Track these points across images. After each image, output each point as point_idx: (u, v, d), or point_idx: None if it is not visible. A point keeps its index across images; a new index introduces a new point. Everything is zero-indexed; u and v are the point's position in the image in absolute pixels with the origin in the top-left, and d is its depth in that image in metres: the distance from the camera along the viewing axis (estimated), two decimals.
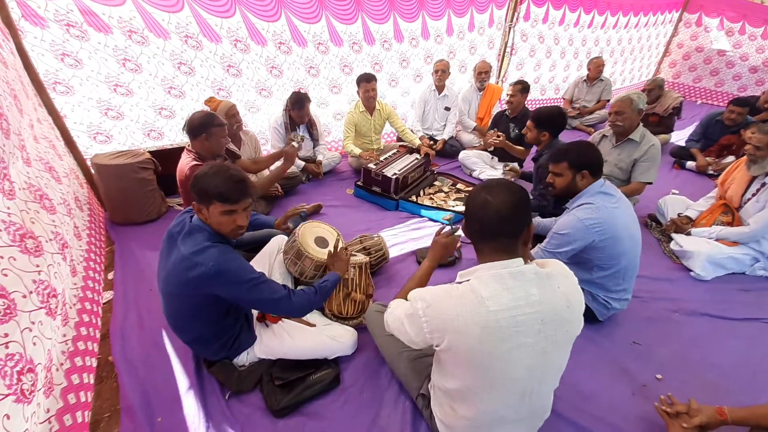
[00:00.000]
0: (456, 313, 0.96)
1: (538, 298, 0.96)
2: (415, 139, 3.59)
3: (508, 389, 1.04)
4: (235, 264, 1.27)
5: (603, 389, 1.64)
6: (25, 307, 1.12)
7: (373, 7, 3.44)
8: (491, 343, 0.95)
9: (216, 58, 2.92)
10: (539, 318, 0.96)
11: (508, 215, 0.98)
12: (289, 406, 1.47)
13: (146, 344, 1.74)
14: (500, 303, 0.94)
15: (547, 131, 2.40)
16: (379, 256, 2.19)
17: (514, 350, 0.97)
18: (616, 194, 1.73)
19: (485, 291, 0.95)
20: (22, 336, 1.06)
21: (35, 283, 1.21)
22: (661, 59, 6.96)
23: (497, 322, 0.94)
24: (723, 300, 2.19)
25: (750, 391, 1.66)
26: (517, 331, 0.95)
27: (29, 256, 1.22)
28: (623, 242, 1.68)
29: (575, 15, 5.01)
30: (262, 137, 3.41)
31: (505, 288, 0.96)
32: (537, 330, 0.97)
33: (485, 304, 0.94)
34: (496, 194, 0.99)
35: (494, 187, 1.02)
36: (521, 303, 0.95)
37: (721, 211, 2.53)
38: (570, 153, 1.73)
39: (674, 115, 4.31)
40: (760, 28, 5.81)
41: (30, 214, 1.33)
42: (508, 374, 1.00)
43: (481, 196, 1.01)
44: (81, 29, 2.37)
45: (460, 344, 0.97)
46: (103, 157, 2.48)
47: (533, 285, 0.97)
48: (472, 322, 0.94)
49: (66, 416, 1.26)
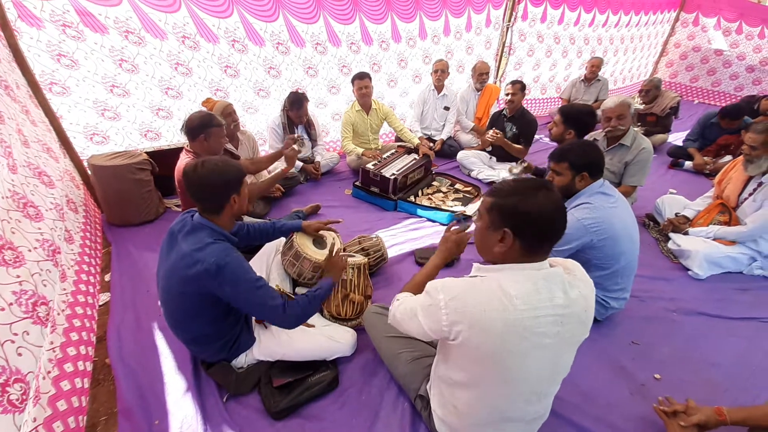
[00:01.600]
0: (483, 308, 0.94)
1: (563, 301, 0.96)
2: (413, 138, 3.59)
3: (517, 389, 1.05)
4: (236, 262, 1.26)
5: (602, 388, 1.64)
6: (7, 319, 1.10)
7: (371, 8, 3.43)
8: (512, 342, 0.95)
9: (213, 58, 2.91)
10: (560, 320, 0.96)
11: (560, 221, 0.97)
12: (287, 408, 1.46)
13: (143, 346, 1.73)
14: (528, 302, 0.94)
15: (573, 129, 2.34)
16: (377, 256, 2.19)
17: (531, 350, 0.97)
18: (615, 194, 1.73)
19: (513, 289, 0.94)
20: (3, 348, 1.05)
21: (15, 294, 1.19)
22: (658, 59, 6.97)
23: (521, 321, 0.93)
24: (721, 299, 2.19)
25: (748, 390, 1.67)
26: (538, 332, 0.95)
27: (7, 267, 1.20)
28: (622, 242, 1.68)
29: (575, 14, 5.02)
30: (260, 138, 3.40)
31: (535, 288, 0.95)
32: (556, 332, 0.97)
33: (513, 302, 0.93)
34: (552, 197, 0.97)
35: (551, 191, 0.98)
36: (546, 304, 0.95)
37: (719, 211, 2.53)
38: (572, 153, 1.72)
39: (671, 115, 4.32)
40: (757, 27, 5.83)
41: (11, 224, 1.31)
42: (520, 373, 1.01)
43: (540, 197, 0.95)
44: (77, 29, 2.36)
45: (481, 339, 0.96)
46: (99, 158, 2.47)
47: (559, 288, 0.97)
48: (498, 318, 0.93)
49: (56, 423, 1.24)
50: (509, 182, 1.03)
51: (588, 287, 1.04)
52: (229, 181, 1.34)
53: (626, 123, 2.45)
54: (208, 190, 1.32)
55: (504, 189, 1.01)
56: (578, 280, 1.03)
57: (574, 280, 1.02)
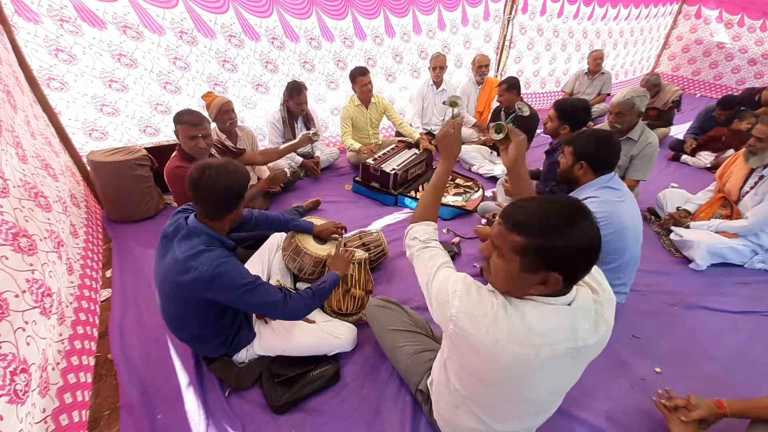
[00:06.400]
0: (495, 340, 0.84)
1: (585, 334, 0.87)
2: (414, 132, 3.57)
3: (521, 408, 1.03)
4: (229, 269, 1.23)
5: (602, 382, 1.64)
6: (19, 306, 1.11)
7: (363, 3, 3.42)
8: (520, 373, 0.88)
9: (211, 53, 2.90)
10: (577, 348, 0.88)
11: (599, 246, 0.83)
12: (289, 403, 1.47)
13: (145, 341, 1.74)
14: (548, 337, 0.84)
15: (568, 124, 2.31)
16: (378, 252, 2.18)
17: (541, 376, 0.91)
18: (622, 188, 1.70)
19: (537, 325, 0.84)
20: (15, 336, 1.05)
21: (29, 282, 1.20)
22: (660, 52, 6.92)
23: (537, 355, 0.84)
24: (722, 293, 2.19)
25: (749, 383, 1.67)
26: (552, 363, 0.87)
27: (23, 254, 1.21)
28: (627, 236, 1.67)
29: (574, 7, 4.97)
30: (260, 133, 3.39)
31: (558, 321, 0.85)
32: (572, 358, 0.89)
33: (530, 337, 0.83)
34: (592, 223, 0.84)
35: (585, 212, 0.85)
36: (567, 336, 0.86)
37: (720, 204, 2.53)
38: (579, 139, 1.67)
39: (674, 109, 4.29)
40: (759, 20, 5.78)
41: (24, 212, 1.32)
42: (528, 396, 0.97)
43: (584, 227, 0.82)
44: (75, 24, 2.34)
45: (484, 366, 0.90)
46: (99, 154, 2.46)
47: (586, 319, 0.88)
48: (509, 352, 0.84)
49: (62, 416, 1.25)
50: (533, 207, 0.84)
51: (611, 307, 0.94)
52: (238, 190, 1.31)
53: (624, 122, 2.42)
54: (217, 198, 1.28)
55: (535, 223, 0.81)
56: (606, 301, 0.93)
57: (602, 309, 0.91)
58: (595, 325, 0.89)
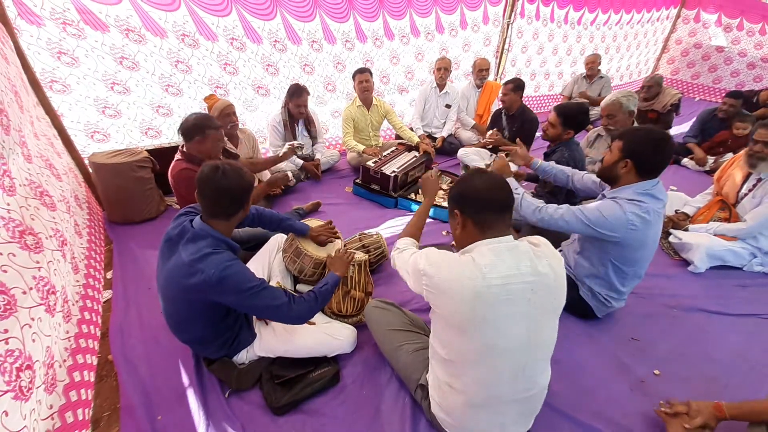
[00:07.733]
0: (455, 277, 1.06)
1: (530, 270, 1.06)
2: (413, 136, 3.59)
3: (500, 361, 1.08)
4: (236, 272, 1.25)
5: (601, 385, 1.65)
6: (25, 303, 1.12)
7: (363, 5, 3.45)
8: (482, 309, 1.04)
9: (213, 56, 2.91)
10: (530, 288, 1.05)
11: (497, 193, 1.13)
12: (289, 404, 1.47)
13: (146, 343, 1.74)
14: (495, 271, 1.04)
15: (571, 129, 2.32)
16: (378, 254, 2.19)
17: (503, 318, 1.05)
18: (665, 199, 1.64)
19: (483, 261, 1.05)
20: (22, 332, 1.06)
21: (35, 279, 1.21)
22: (659, 56, 6.96)
23: (489, 289, 1.02)
24: (721, 295, 2.20)
25: (748, 385, 1.68)
26: (508, 299, 1.04)
27: (29, 252, 1.22)
28: (646, 248, 1.65)
29: (564, 12, 5.01)
30: (261, 136, 3.41)
31: (501, 259, 1.06)
32: (527, 299, 1.05)
33: (482, 271, 1.03)
34: (486, 177, 1.16)
35: (485, 173, 1.18)
36: (514, 272, 1.05)
37: (719, 207, 2.54)
38: (629, 136, 1.60)
39: (673, 112, 4.30)
40: (758, 24, 5.82)
41: (30, 211, 1.33)
42: (498, 343, 1.06)
43: (476, 179, 1.15)
44: (77, 27, 2.36)
45: (454, 307, 1.06)
46: (100, 155, 2.47)
47: (525, 258, 1.07)
48: (469, 287, 1.03)
49: (68, 413, 1.26)
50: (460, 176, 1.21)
51: (556, 259, 1.13)
52: (249, 189, 1.34)
53: (616, 123, 2.42)
54: (227, 198, 1.29)
55: (454, 183, 1.22)
56: (545, 254, 1.11)
57: (541, 253, 1.11)
58: (535, 265, 1.07)
